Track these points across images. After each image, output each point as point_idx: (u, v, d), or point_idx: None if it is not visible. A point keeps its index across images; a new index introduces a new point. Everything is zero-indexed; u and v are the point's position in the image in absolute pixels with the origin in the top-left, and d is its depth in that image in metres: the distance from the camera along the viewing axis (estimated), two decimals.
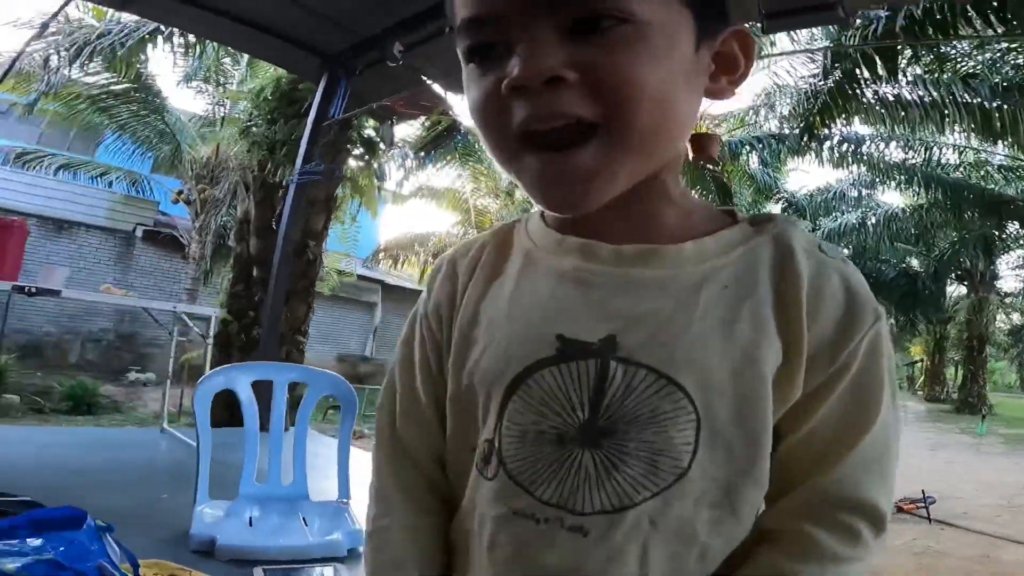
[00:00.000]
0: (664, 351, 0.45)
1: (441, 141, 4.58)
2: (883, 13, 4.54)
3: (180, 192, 9.58)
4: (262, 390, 2.23)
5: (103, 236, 10.17)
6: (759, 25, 2.76)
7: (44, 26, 3.46)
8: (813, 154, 10.09)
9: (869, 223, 12.48)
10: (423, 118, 4.58)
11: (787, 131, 9.29)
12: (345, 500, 2.22)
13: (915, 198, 12.21)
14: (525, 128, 0.43)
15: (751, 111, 10.12)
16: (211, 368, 3.23)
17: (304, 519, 2.11)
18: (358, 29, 4.13)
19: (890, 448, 0.49)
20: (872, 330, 0.47)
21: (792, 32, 7.94)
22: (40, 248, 9.62)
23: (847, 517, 0.46)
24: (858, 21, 5.35)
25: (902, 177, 10.80)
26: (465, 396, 0.51)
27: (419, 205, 13.47)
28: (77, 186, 9.92)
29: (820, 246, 0.49)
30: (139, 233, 10.38)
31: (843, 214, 13.25)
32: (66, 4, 2.73)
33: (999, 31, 4.47)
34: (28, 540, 1.07)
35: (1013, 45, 6.58)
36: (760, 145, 9.90)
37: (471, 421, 0.51)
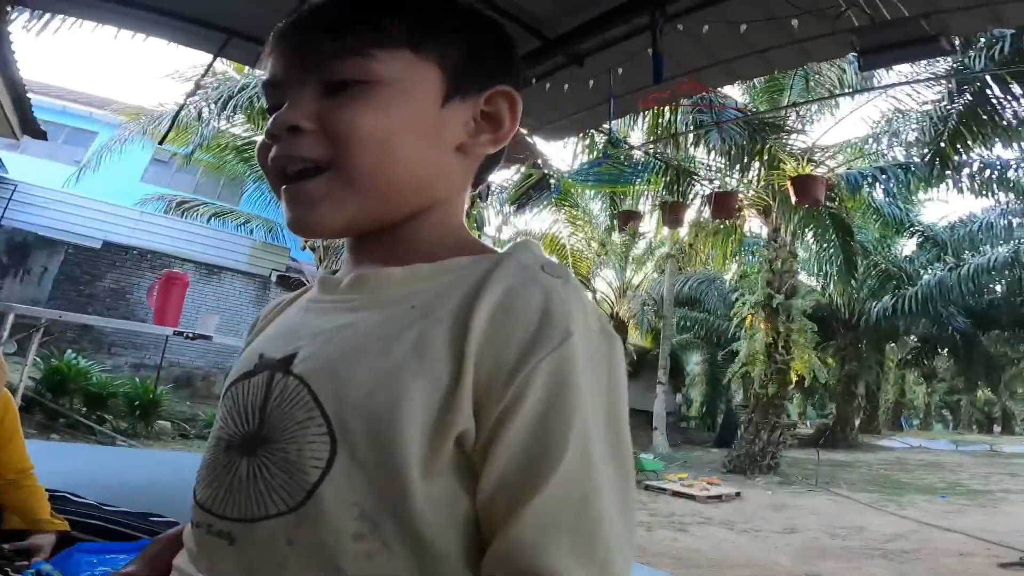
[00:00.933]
0: (315, 363, 0.46)
1: (533, 193, 4.68)
2: (1008, 31, 4.15)
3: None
4: None
5: (245, 280, 11.38)
6: (857, 61, 2.66)
7: (197, 84, 4.00)
8: (949, 183, 9.19)
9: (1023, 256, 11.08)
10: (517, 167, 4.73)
11: (915, 159, 8.57)
12: None
13: None
14: (276, 168, 0.50)
15: (871, 139, 9.45)
16: None
17: None
18: None
19: (589, 506, 0.39)
20: (556, 353, 0.40)
21: None
22: (195, 291, 10.95)
23: None
24: (982, 40, 4.93)
25: None
26: None
27: None
28: (225, 233, 11.22)
29: (543, 266, 0.46)
30: (273, 278, 11.50)
31: (992, 247, 11.88)
32: (211, 64, 3.18)
33: None
34: None
35: None
36: (884, 176, 9.17)
37: None
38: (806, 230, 9.72)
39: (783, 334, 10.02)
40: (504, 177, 7.06)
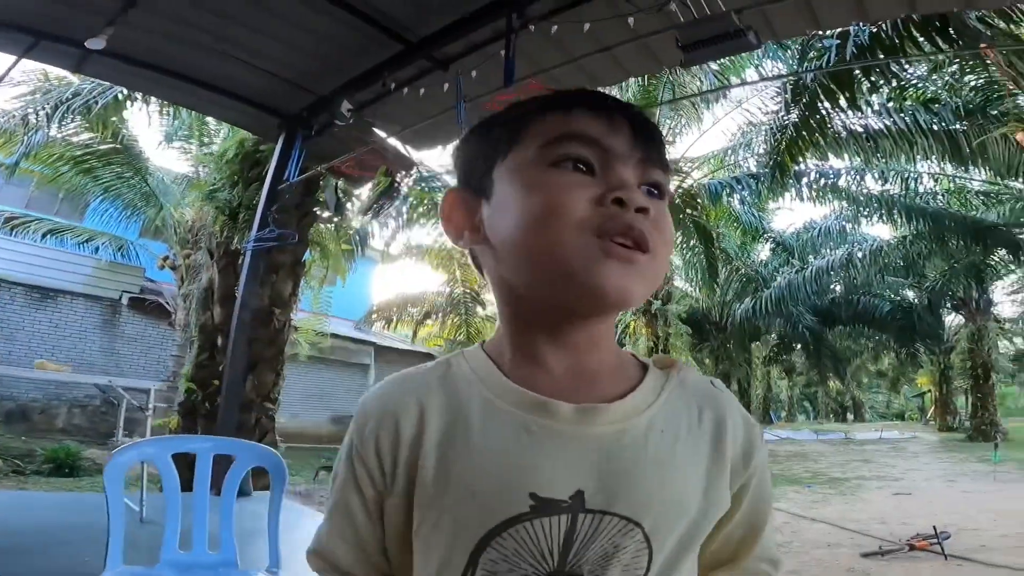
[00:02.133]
0: (627, 498, 0.55)
1: (384, 201, 4.51)
2: (834, 42, 4.62)
3: (166, 258, 9.56)
4: (220, 460, 2.23)
5: (88, 304, 10.15)
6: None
7: None
8: (793, 191, 10.16)
9: (856, 258, 12.45)
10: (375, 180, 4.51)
11: (764, 170, 9.39)
12: (275, 569, 2.12)
13: (899, 230, 12.24)
14: (613, 233, 0.55)
15: (729, 151, 10.24)
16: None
17: None
18: (315, 89, 4.12)
19: (774, 520, 0.69)
20: (764, 446, 0.66)
21: (759, 66, 8.13)
22: (25, 317, 9.62)
23: (766, 568, 0.67)
24: (812, 52, 5.48)
25: (883, 209, 10.85)
26: (432, 537, 0.56)
27: (409, 265, 13.53)
28: (62, 253, 9.90)
29: (712, 382, 0.66)
30: (125, 300, 10.37)
31: (830, 251, 13.25)
32: (13, 66, 2.75)
33: (946, 50, 4.55)
34: None
35: (967, 65, 6.71)
36: (739, 186, 9.97)
37: (436, 558, 0.56)
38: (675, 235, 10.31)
39: (662, 338, 10.55)
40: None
